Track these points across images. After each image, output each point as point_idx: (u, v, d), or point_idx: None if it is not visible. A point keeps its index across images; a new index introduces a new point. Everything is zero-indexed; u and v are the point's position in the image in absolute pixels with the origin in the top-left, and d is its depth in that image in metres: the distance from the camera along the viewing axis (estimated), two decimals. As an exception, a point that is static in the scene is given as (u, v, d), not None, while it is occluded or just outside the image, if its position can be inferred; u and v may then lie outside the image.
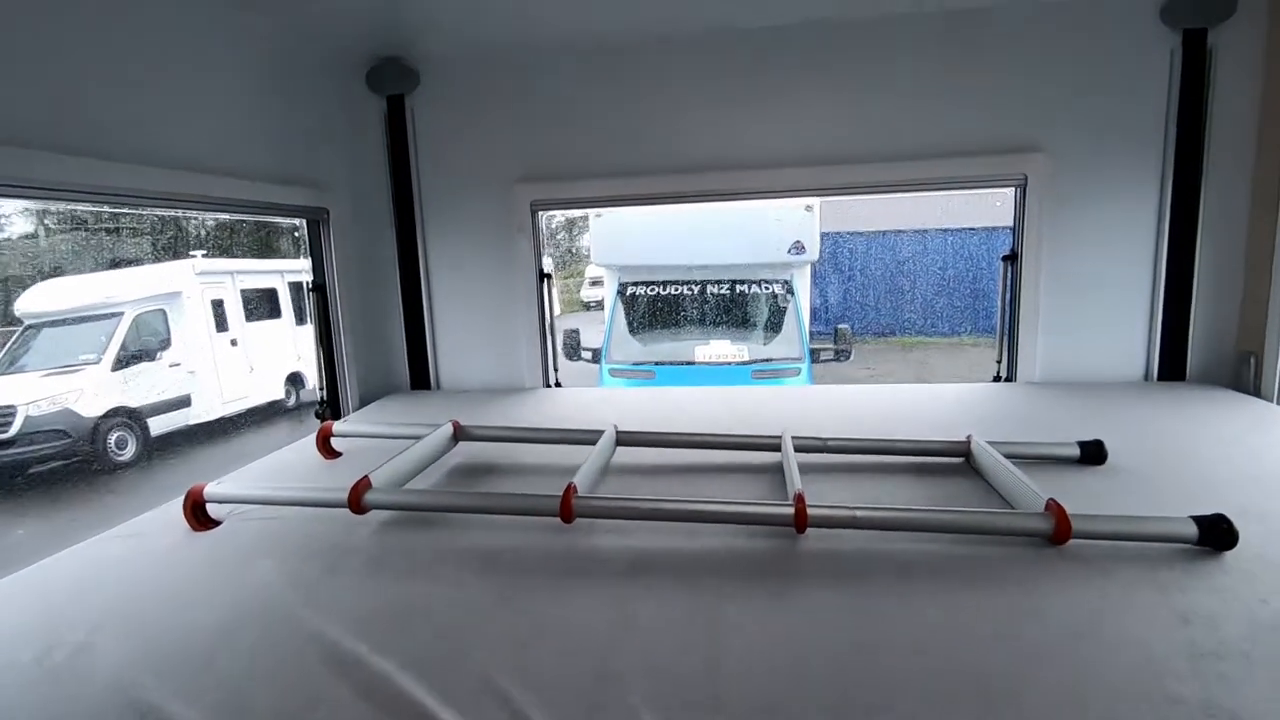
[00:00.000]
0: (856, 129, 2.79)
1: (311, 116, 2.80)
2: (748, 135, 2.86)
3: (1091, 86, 2.63)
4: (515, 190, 3.00)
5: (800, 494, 1.42)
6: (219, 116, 2.31)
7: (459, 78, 2.96)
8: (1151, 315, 2.73)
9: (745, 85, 2.82)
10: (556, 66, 2.90)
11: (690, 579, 1.30)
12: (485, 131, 3.00)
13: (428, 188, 3.07)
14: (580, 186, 2.99)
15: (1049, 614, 1.11)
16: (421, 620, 1.21)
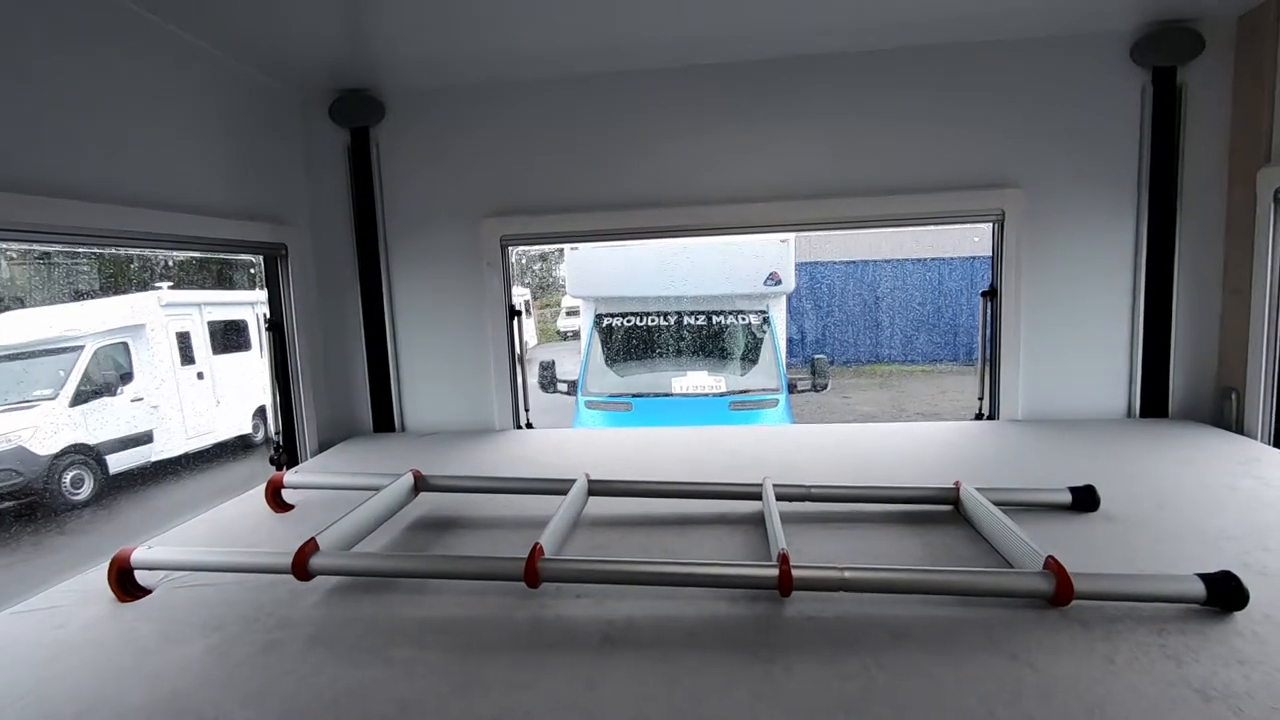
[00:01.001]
0: (832, 164, 2.76)
1: (270, 149, 2.69)
2: (721, 170, 2.81)
3: (1066, 123, 2.63)
4: (484, 225, 2.91)
5: (784, 553, 1.32)
6: (170, 150, 2.20)
7: (426, 110, 2.88)
8: (1132, 351, 2.70)
9: (718, 120, 2.78)
10: (526, 99, 2.84)
11: (667, 654, 1.19)
12: (453, 165, 2.91)
13: (392, 222, 2.97)
14: (551, 221, 2.91)
15: (1056, 691, 1.02)
16: (365, 712, 1.08)
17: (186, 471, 7.85)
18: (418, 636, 1.30)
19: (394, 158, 2.92)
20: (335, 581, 1.53)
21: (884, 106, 2.70)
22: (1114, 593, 1.25)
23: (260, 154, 2.63)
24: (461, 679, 1.16)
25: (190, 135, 2.29)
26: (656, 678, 1.13)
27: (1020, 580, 1.29)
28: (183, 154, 2.26)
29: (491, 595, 1.44)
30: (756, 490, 1.81)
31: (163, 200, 2.12)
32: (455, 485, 2.02)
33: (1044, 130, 2.64)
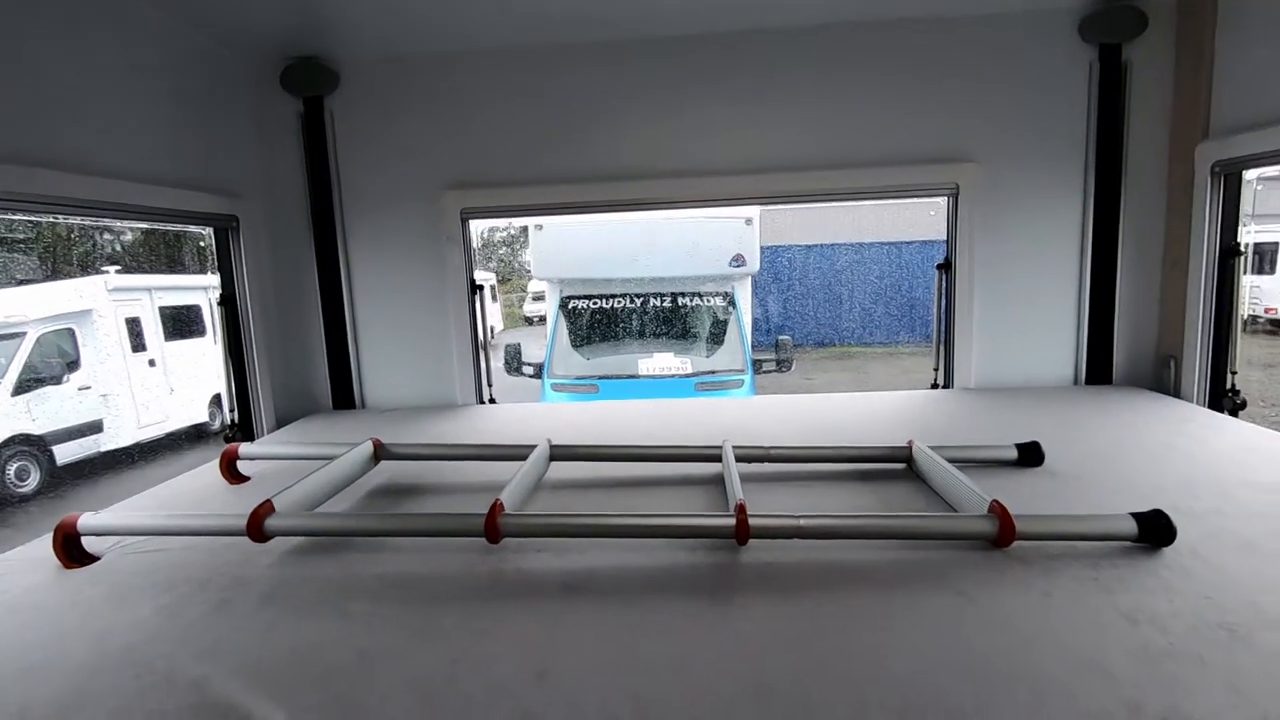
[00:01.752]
0: (793, 137, 2.78)
1: (219, 118, 2.61)
2: (684, 144, 2.81)
3: (1018, 99, 2.69)
4: (444, 198, 2.87)
5: (741, 504, 1.35)
6: (114, 115, 2.11)
7: (382, 79, 2.82)
8: (1079, 321, 2.79)
9: (681, 93, 2.77)
10: (486, 69, 2.80)
11: (626, 599, 1.21)
12: (411, 136, 2.86)
13: (349, 195, 2.91)
14: (513, 194, 2.88)
15: (998, 621, 1.08)
16: (323, 664, 1.07)
17: (140, 460, 7.62)
18: (376, 592, 1.29)
19: (350, 128, 2.86)
20: (291, 544, 1.50)
21: (843, 82, 2.72)
22: (1053, 533, 1.31)
23: (208, 122, 2.54)
24: (421, 628, 1.15)
25: (134, 101, 2.20)
26: (616, 620, 1.14)
27: (966, 523, 1.34)
28: (127, 120, 2.17)
29: (452, 552, 1.43)
30: (716, 452, 1.83)
31: (105, 167, 2.04)
32: (415, 453, 2.00)
33: (997, 106, 2.70)
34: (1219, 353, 2.50)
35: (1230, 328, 2.48)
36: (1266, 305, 10.69)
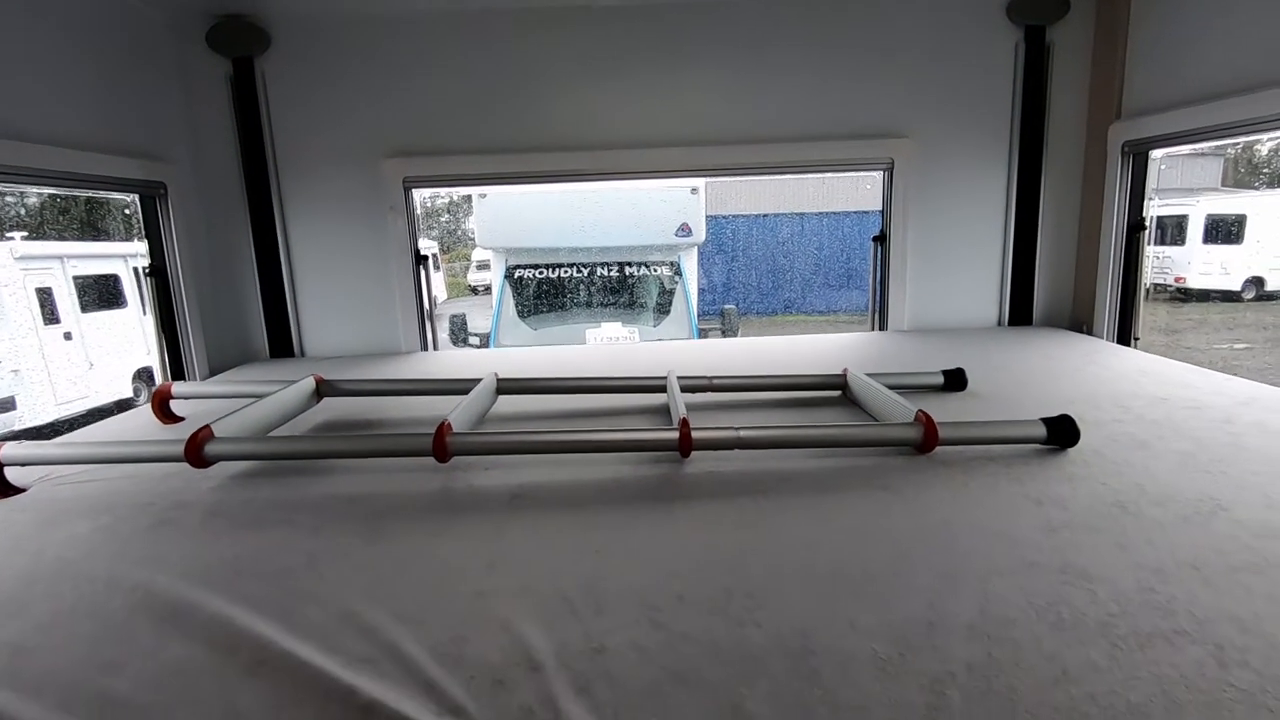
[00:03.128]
0: (732, 111, 2.82)
1: (141, 79, 2.47)
2: (628, 115, 2.82)
3: (949, 77, 2.80)
4: (385, 166, 2.81)
5: (684, 419, 1.40)
6: (26, 76, 1.98)
7: (317, 41, 2.71)
8: (1001, 294, 2.96)
9: (626, 64, 2.77)
10: (427, 34, 2.73)
11: (574, 506, 1.25)
12: (349, 101, 2.77)
13: (285, 161, 2.81)
14: (457, 163, 2.84)
15: (921, 508, 1.18)
16: (272, 565, 1.07)
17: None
18: (325, 507, 1.27)
19: (283, 92, 2.75)
20: (234, 470, 1.45)
21: (783, 58, 2.77)
22: (972, 437, 1.43)
23: (131, 84, 2.41)
24: (370, 534, 1.16)
25: (48, 60, 2.07)
26: (564, 521, 1.18)
27: (893, 430, 1.44)
28: (40, 81, 2.04)
29: (400, 472, 1.42)
30: (662, 383, 1.88)
31: (17, 130, 1.92)
32: (360, 389, 1.95)
33: (930, 84, 2.80)
34: (1125, 318, 2.71)
35: (1135, 297, 2.69)
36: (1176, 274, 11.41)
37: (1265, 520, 1.05)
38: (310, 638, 0.84)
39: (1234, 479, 1.22)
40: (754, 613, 0.86)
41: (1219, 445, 1.40)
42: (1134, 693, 0.68)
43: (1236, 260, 10.75)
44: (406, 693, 0.74)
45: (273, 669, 0.79)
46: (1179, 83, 2.40)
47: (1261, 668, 0.71)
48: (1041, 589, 0.89)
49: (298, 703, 0.73)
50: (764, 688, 0.72)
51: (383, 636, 0.85)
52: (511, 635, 0.84)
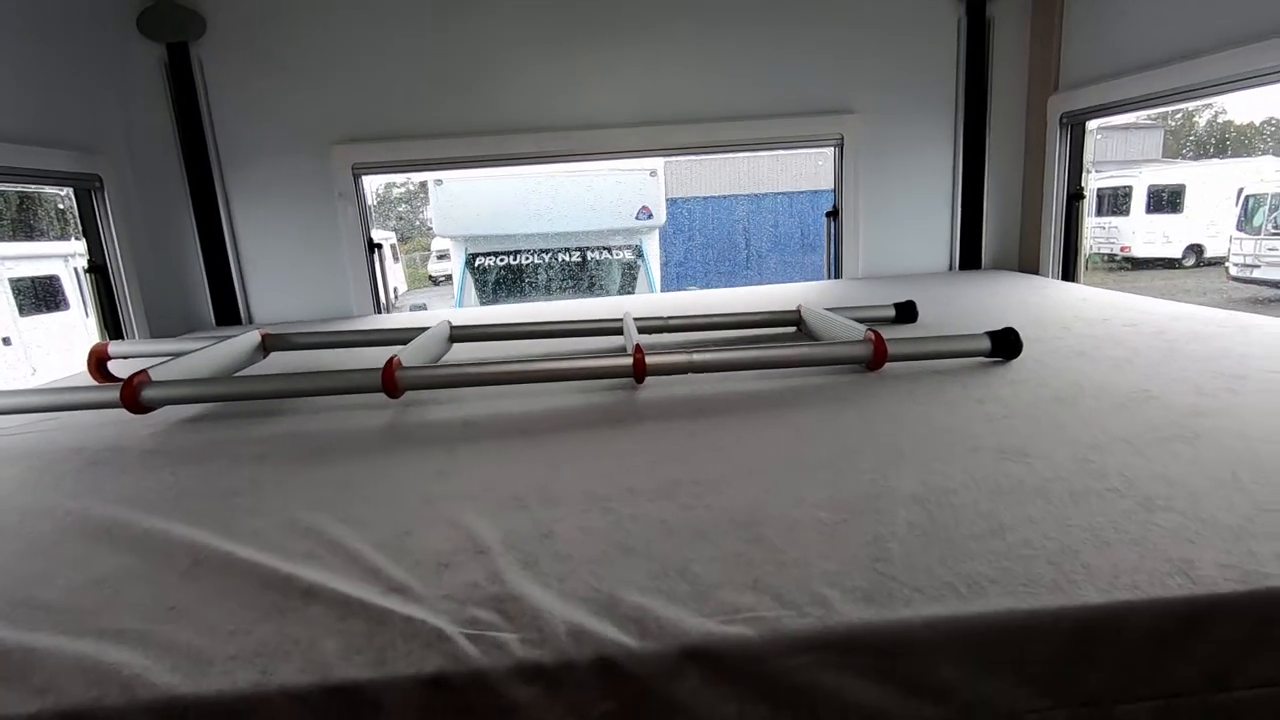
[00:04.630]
0: (685, 90, 2.83)
1: (72, 67, 2.37)
2: (581, 96, 2.81)
3: (895, 54, 2.85)
4: (334, 153, 2.75)
5: (639, 345, 1.40)
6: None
7: (256, 25, 2.63)
8: (951, 256, 3.04)
9: (577, 46, 2.76)
10: (374, 14, 2.67)
11: (529, 430, 1.23)
12: (293, 87, 2.70)
13: (228, 150, 2.73)
14: (407, 148, 2.80)
15: (870, 412, 1.22)
16: (215, 489, 1.03)
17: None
18: (271, 442, 1.23)
19: (222, 78, 2.67)
20: (176, 417, 1.39)
21: (734, 36, 2.79)
22: (920, 352, 1.47)
23: (58, 72, 2.31)
24: (318, 461, 1.13)
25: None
26: (518, 442, 1.17)
27: (844, 348, 1.46)
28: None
29: (351, 410, 1.38)
30: (618, 325, 1.87)
31: None
32: (310, 342, 1.89)
33: (876, 61, 2.85)
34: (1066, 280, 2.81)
35: (1076, 266, 2.78)
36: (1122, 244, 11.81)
37: (1195, 404, 1.11)
38: (251, 542, 0.82)
39: (1166, 375, 1.29)
40: (703, 498, 0.88)
41: (1153, 351, 1.47)
42: (1066, 537, 0.72)
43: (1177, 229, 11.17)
44: (349, 578, 0.73)
45: (210, 568, 0.77)
46: (1112, 54, 2.48)
47: (1185, 510, 0.76)
48: (981, 465, 0.92)
49: (235, 593, 0.72)
50: (710, 552, 0.74)
51: (326, 536, 0.83)
52: (459, 529, 0.83)
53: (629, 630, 0.62)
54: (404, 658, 0.60)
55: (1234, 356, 1.38)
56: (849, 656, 0.61)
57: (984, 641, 0.61)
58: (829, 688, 0.61)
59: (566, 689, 0.60)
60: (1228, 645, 0.62)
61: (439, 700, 0.59)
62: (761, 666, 0.61)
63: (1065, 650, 0.62)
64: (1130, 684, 0.63)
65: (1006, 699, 0.62)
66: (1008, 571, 0.66)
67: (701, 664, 0.60)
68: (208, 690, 0.58)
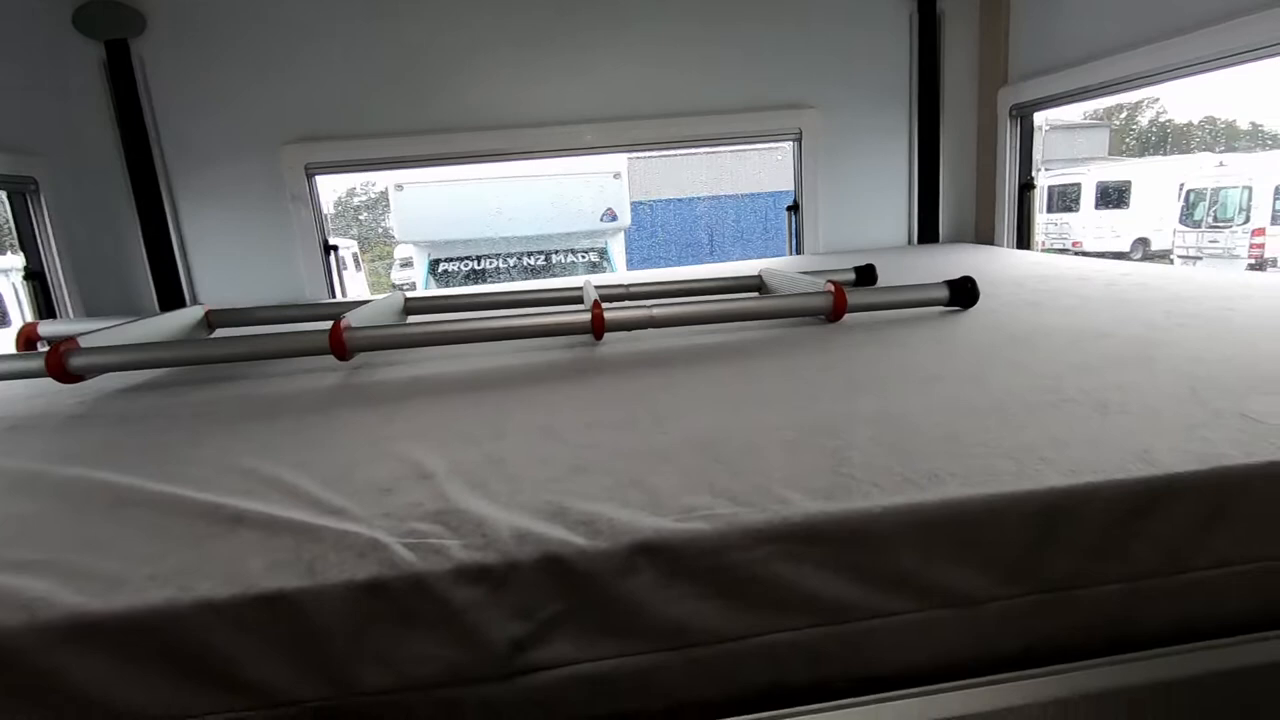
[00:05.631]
0: (646, 86, 2.83)
1: (3, 66, 2.26)
2: (539, 92, 2.78)
3: (850, 49, 2.88)
4: (285, 153, 2.68)
5: (597, 300, 1.37)
6: None
7: (199, 21, 2.55)
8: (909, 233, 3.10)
9: (535, 42, 2.73)
10: (325, 9, 2.61)
11: (484, 383, 1.17)
12: (241, 85, 2.62)
13: (173, 152, 2.64)
14: (362, 147, 2.74)
15: (831, 355, 1.21)
16: (148, 444, 0.96)
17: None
18: (212, 404, 1.15)
19: (165, 77, 2.57)
20: (109, 386, 1.30)
21: (692, 32, 2.79)
22: (880, 302, 1.49)
23: (-15, 69, 2.21)
24: (261, 418, 1.05)
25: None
26: (471, 394, 1.11)
27: (804, 300, 1.46)
28: None
29: (297, 375, 1.31)
30: (579, 294, 1.83)
31: None
32: (257, 317, 1.79)
33: (832, 57, 2.88)
34: None
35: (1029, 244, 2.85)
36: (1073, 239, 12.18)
37: (1147, 337, 1.13)
38: (182, 483, 0.76)
39: (1118, 316, 1.32)
40: (662, 426, 0.86)
41: (1103, 299, 1.51)
42: (1025, 438, 0.72)
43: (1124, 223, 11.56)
44: (282, 506, 0.69)
45: (134, 506, 0.72)
46: (1057, 47, 2.54)
47: (1138, 412, 0.78)
48: (940, 392, 0.93)
49: (158, 525, 0.67)
50: (668, 469, 0.72)
51: (263, 474, 0.78)
52: (405, 462, 0.79)
53: (579, 532, 0.59)
54: (335, 568, 0.56)
55: (1184, 299, 1.42)
56: (808, 547, 0.59)
57: (944, 528, 0.60)
58: (787, 579, 0.59)
59: (512, 590, 0.57)
60: (1186, 525, 0.63)
61: (375, 607, 0.56)
62: (718, 559, 0.58)
63: (1026, 535, 0.61)
64: (1091, 568, 0.63)
65: (968, 586, 0.61)
66: (968, 466, 0.66)
67: (655, 559, 0.58)
68: (117, 607, 0.54)
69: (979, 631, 0.62)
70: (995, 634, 0.62)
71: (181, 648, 0.54)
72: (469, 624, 0.56)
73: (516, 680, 0.57)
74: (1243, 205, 9.50)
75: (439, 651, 0.56)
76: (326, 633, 0.54)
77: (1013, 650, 0.63)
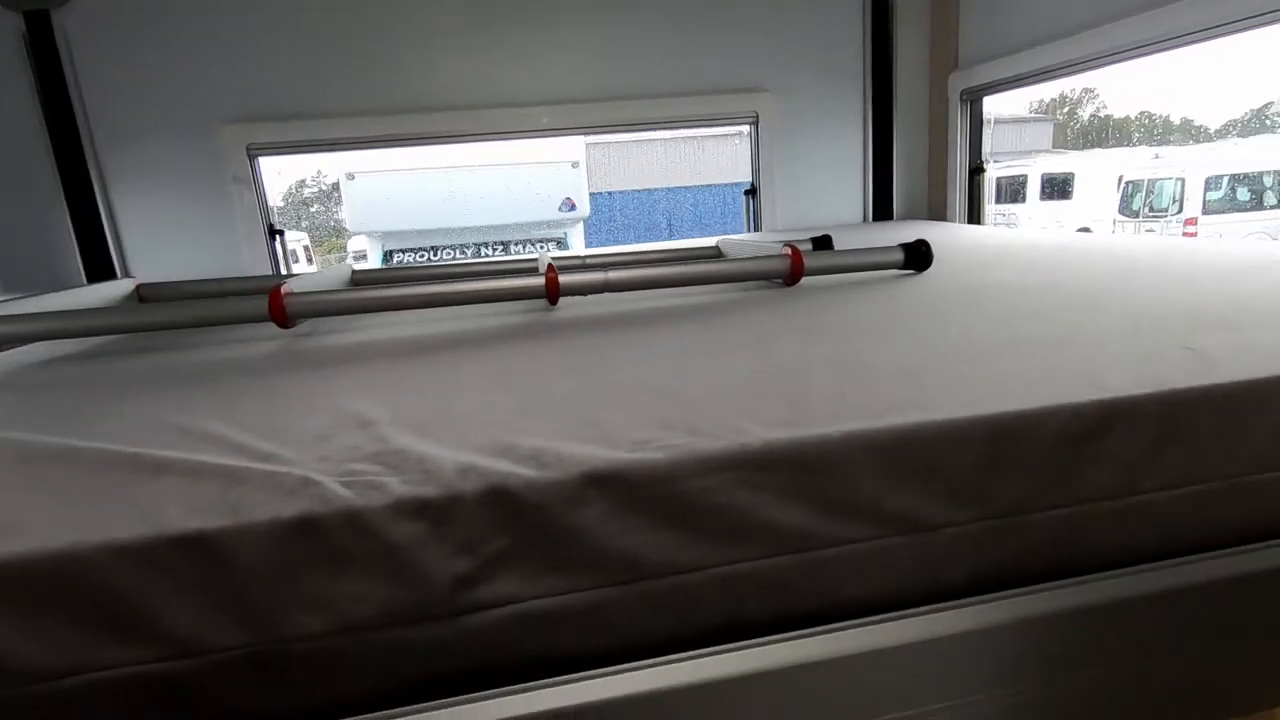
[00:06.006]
0: (604, 68, 2.80)
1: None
2: (492, 74, 2.72)
3: (804, 33, 2.90)
4: (225, 133, 2.56)
5: (551, 264, 1.33)
6: None
7: (128, -8, 2.42)
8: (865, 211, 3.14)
9: (488, 22, 2.67)
10: None
11: (434, 348, 1.11)
12: (176, 61, 2.50)
13: (103, 132, 2.50)
14: (308, 127, 2.64)
15: (789, 312, 1.21)
16: (62, 406, 0.90)
17: None
18: (136, 373, 1.07)
19: (92, 50, 2.44)
20: (23, 360, 1.21)
21: (648, 15, 2.77)
22: (837, 265, 1.50)
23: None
24: (189, 381, 0.99)
25: None
26: (420, 356, 1.06)
27: (761, 263, 1.46)
28: None
29: (234, 344, 1.23)
30: (534, 265, 1.79)
31: None
32: (191, 290, 1.70)
33: (787, 40, 2.89)
34: None
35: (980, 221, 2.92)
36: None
37: (1094, 288, 1.16)
38: (101, 439, 0.70)
39: (1068, 271, 1.37)
40: (617, 373, 0.85)
41: (1053, 261, 1.56)
42: (981, 372, 0.73)
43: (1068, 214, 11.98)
44: (209, 454, 0.64)
45: (42, 460, 0.66)
46: (1005, 32, 2.60)
47: (1089, 347, 0.79)
48: (897, 336, 0.94)
49: (68, 477, 0.61)
50: (622, 409, 0.70)
51: (192, 428, 0.72)
52: (346, 412, 0.74)
53: (527, 465, 0.56)
54: (261, 507, 0.52)
55: (1129, 257, 1.48)
56: (766, 475, 0.58)
57: (900, 454, 0.60)
58: (745, 508, 0.58)
59: (456, 524, 0.54)
60: (1136, 447, 0.64)
61: (305, 546, 0.52)
62: (673, 488, 0.57)
63: (980, 458, 0.61)
64: (1044, 491, 0.63)
65: (925, 513, 0.61)
66: (925, 396, 0.67)
67: (606, 490, 0.56)
68: (10, 553, 0.49)
69: (933, 558, 0.61)
70: (948, 560, 0.62)
71: (88, 595, 0.49)
72: (409, 561, 0.52)
73: (460, 620, 0.54)
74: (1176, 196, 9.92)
75: (377, 591, 0.52)
76: (252, 574, 0.51)
77: (964, 577, 0.63)
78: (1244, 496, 0.66)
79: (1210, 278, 1.17)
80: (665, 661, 0.54)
